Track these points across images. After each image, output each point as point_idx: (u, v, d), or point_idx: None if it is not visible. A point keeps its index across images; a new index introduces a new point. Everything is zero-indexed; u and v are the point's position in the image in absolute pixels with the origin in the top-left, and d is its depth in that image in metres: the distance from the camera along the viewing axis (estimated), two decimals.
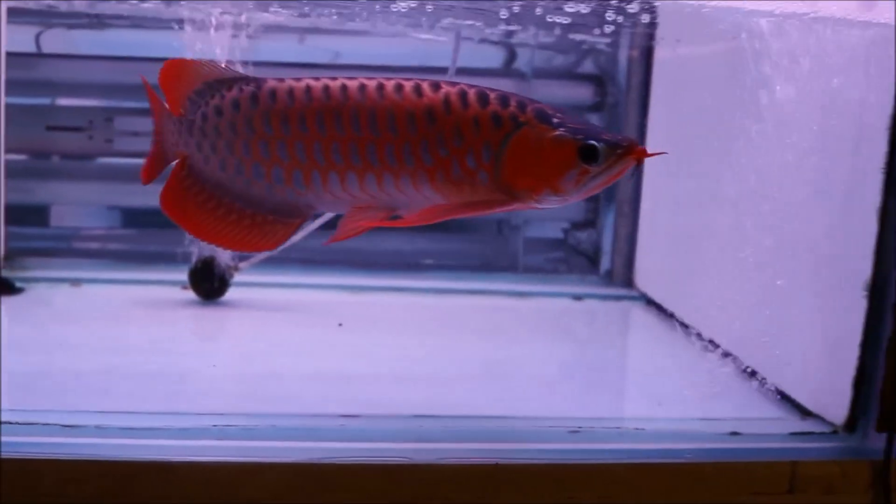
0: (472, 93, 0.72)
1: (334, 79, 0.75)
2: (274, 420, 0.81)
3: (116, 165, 1.39)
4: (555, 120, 0.71)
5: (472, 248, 1.49)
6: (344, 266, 1.38)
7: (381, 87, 0.73)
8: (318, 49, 1.46)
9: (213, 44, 1.21)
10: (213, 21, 1.19)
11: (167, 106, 0.77)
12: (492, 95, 0.73)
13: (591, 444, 0.83)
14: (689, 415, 0.89)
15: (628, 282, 1.39)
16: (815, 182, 0.91)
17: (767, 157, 0.94)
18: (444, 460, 0.79)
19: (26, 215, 1.36)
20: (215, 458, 0.77)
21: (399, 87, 0.73)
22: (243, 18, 1.21)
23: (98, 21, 1.30)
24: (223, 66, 0.77)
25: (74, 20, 1.32)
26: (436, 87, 0.73)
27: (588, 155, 0.70)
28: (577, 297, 1.36)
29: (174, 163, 0.78)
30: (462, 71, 1.44)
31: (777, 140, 0.98)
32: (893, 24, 0.83)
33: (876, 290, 0.85)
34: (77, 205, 1.42)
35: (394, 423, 0.83)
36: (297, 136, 0.74)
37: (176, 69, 0.77)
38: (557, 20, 1.20)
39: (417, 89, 0.73)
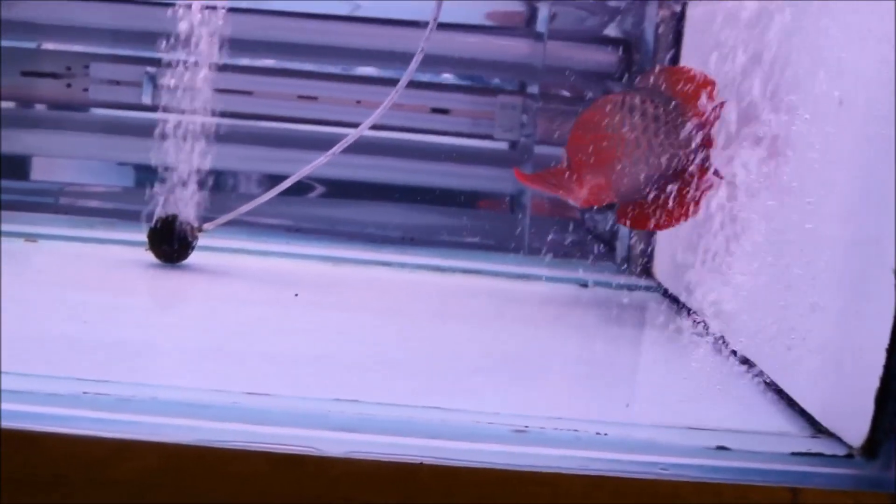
0: None
1: None
2: (156, 391, 0.69)
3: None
4: None
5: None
6: (329, 236, 1.26)
7: None
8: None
9: None
10: None
11: None
12: None
13: (539, 447, 0.68)
14: (669, 421, 0.74)
15: (645, 270, 1.24)
16: (831, 152, 0.74)
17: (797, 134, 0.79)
18: (355, 454, 0.66)
19: None
20: (84, 431, 0.65)
21: None
22: None
23: None
24: None
25: None
26: None
27: None
28: (584, 285, 1.21)
29: None
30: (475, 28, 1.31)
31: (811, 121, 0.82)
32: None
33: None
34: (45, 157, 1.32)
35: (303, 406, 0.70)
36: None
37: None
38: None
39: None
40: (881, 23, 0.72)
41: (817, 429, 0.77)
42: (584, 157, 1.03)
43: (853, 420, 0.73)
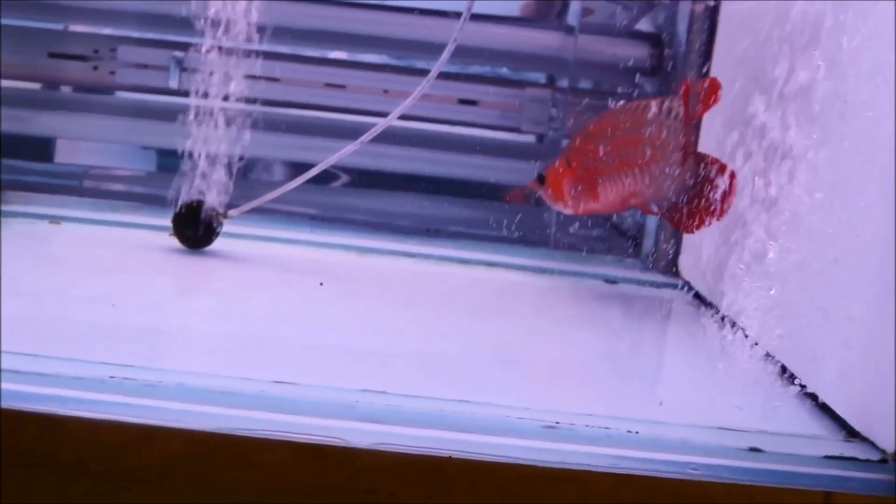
0: None
1: None
2: (182, 377, 0.68)
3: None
4: None
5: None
6: (354, 226, 1.26)
7: None
8: None
9: None
10: None
11: None
12: None
13: (569, 444, 0.67)
14: (701, 421, 0.73)
15: (673, 268, 1.22)
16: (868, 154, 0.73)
17: (837, 139, 0.77)
18: (381, 446, 0.65)
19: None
20: (108, 416, 0.64)
21: None
22: None
23: None
24: None
25: None
26: None
27: None
28: (611, 281, 1.19)
29: None
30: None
31: (849, 121, 0.81)
32: None
33: None
34: (69, 139, 1.32)
35: (330, 395, 0.69)
36: None
37: None
38: None
39: None
40: None
41: (850, 433, 0.76)
42: (602, 165, 1.01)
43: (887, 424, 0.71)
